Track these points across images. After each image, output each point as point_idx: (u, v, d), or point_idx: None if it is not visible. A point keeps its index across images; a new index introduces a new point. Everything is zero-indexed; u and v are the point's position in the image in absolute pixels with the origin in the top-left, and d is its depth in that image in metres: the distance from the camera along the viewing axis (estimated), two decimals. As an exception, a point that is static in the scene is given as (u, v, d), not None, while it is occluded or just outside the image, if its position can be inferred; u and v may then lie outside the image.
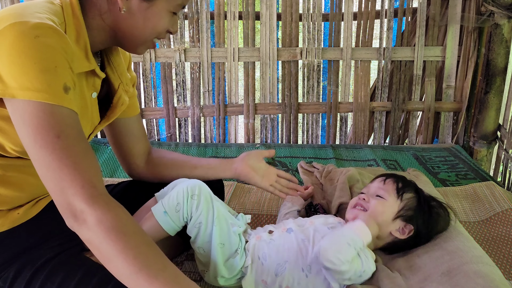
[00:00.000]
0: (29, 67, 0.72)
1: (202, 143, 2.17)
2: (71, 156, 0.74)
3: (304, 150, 2.05)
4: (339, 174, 1.54)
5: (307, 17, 2.17)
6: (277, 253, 1.01)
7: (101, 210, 0.73)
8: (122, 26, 0.88)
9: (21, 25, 0.73)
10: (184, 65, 2.24)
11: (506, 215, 1.37)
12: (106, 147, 2.03)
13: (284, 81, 2.24)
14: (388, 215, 1.09)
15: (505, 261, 1.19)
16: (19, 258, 0.89)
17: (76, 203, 0.73)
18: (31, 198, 0.94)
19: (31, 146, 0.74)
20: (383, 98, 2.25)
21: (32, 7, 0.79)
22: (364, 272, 1.00)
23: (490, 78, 2.08)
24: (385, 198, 1.10)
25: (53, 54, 0.74)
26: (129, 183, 1.23)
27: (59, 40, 0.76)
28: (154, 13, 0.87)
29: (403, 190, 1.12)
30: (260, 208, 1.46)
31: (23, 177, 0.89)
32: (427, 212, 1.10)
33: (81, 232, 0.74)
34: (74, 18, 0.84)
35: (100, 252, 0.74)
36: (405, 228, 1.09)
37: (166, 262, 0.77)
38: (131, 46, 0.93)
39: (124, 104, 1.01)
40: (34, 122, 0.73)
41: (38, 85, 0.72)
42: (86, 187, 0.73)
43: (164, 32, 0.92)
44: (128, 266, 0.72)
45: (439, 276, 1.00)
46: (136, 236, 0.76)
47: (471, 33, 2.12)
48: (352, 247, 0.98)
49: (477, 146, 2.18)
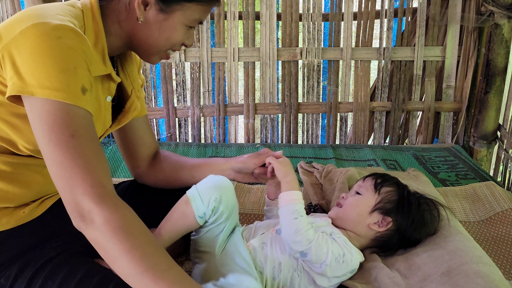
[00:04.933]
0: (50, 66, 0.73)
1: (202, 143, 2.17)
2: (83, 156, 0.75)
3: (304, 150, 2.05)
4: (339, 174, 1.54)
5: (307, 17, 2.17)
6: (271, 257, 1.01)
7: (109, 210, 0.74)
8: (138, 34, 0.90)
9: (43, 26, 0.74)
10: (184, 65, 2.24)
11: (506, 215, 1.37)
12: (107, 147, 2.04)
13: (284, 81, 2.24)
14: (363, 209, 1.10)
15: (505, 261, 1.19)
16: (21, 257, 0.89)
17: (84, 202, 0.74)
18: (37, 197, 0.95)
19: (45, 143, 0.75)
20: (383, 98, 2.25)
21: (54, 9, 0.81)
22: (345, 256, 0.99)
23: (490, 78, 2.08)
24: (362, 194, 1.13)
25: (73, 55, 0.76)
26: (131, 183, 1.23)
27: (80, 42, 0.78)
28: (170, 25, 0.89)
29: (381, 184, 1.13)
30: (260, 208, 1.46)
31: (31, 175, 0.90)
32: (408, 205, 1.10)
33: (88, 232, 0.75)
34: (94, 23, 0.86)
35: (106, 251, 0.75)
36: (383, 221, 1.09)
37: (172, 262, 0.78)
38: (145, 55, 0.95)
39: (136, 110, 1.04)
40: (50, 120, 0.74)
41: (57, 84, 0.74)
42: (96, 187, 0.74)
43: (179, 44, 0.94)
44: (134, 266, 0.73)
45: (439, 276, 1.00)
46: (142, 237, 0.76)
47: (471, 33, 2.12)
48: (298, 217, 0.97)
49: (477, 146, 2.18)
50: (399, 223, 1.09)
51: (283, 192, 1.02)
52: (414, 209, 1.10)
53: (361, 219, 1.10)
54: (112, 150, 2.00)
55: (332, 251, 0.98)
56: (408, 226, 1.09)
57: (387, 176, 1.17)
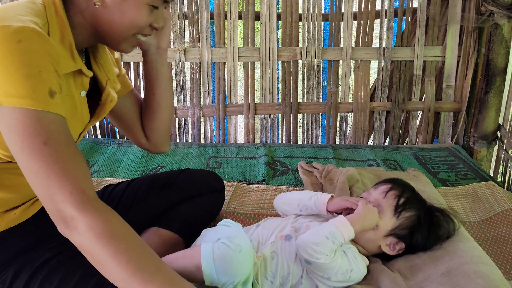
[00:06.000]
0: (13, 73, 0.71)
1: (202, 143, 2.17)
2: (59, 162, 0.73)
3: (304, 150, 2.05)
4: (339, 174, 1.54)
5: (307, 17, 2.17)
6: (282, 267, 1.01)
7: (91, 216, 0.72)
8: (101, 21, 0.86)
9: (3, 30, 0.71)
10: (184, 65, 2.24)
11: (506, 215, 1.37)
12: (106, 147, 2.04)
13: (284, 81, 2.24)
14: (378, 232, 1.07)
15: (505, 261, 1.19)
16: (17, 259, 0.89)
17: (65, 209, 0.72)
18: (27, 199, 0.94)
19: (18, 153, 0.73)
20: (383, 98, 2.25)
21: (14, 9, 0.77)
22: (352, 271, 1.00)
23: (490, 78, 2.08)
24: (381, 212, 1.08)
25: (36, 59, 0.73)
26: (129, 183, 1.23)
27: (43, 44, 0.75)
28: (130, 7, 0.84)
29: (402, 207, 1.08)
30: (260, 208, 1.46)
31: (17, 178, 0.88)
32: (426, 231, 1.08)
33: (73, 238, 0.74)
34: (58, 18, 0.83)
35: (93, 257, 0.74)
36: (396, 245, 1.08)
37: (160, 263, 0.77)
38: (113, 43, 0.91)
39: (113, 101, 1.00)
40: (20, 129, 0.72)
41: (22, 91, 0.71)
42: (75, 193, 0.72)
43: (147, 27, 0.90)
44: (121, 270, 0.72)
45: (439, 276, 1.00)
46: (127, 240, 0.75)
47: (471, 33, 2.12)
48: (330, 240, 0.97)
49: (477, 146, 2.18)
50: (412, 243, 1.08)
51: (344, 217, 1.03)
52: (432, 233, 1.09)
53: (374, 239, 1.08)
54: (112, 150, 2.00)
55: (340, 267, 0.98)
56: (420, 246, 1.09)
57: (410, 196, 1.12)
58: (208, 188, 1.28)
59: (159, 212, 1.21)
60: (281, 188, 1.62)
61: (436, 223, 1.10)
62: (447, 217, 1.13)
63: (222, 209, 1.42)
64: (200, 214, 1.25)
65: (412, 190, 1.14)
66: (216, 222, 1.33)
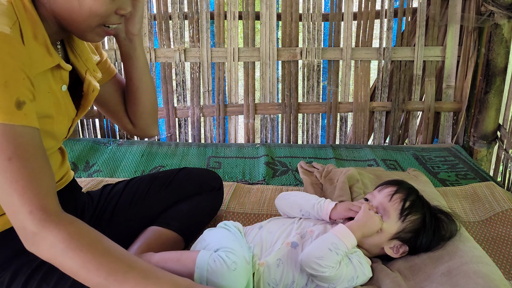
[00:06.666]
0: None
1: (202, 143, 2.17)
2: (21, 179, 0.71)
3: (304, 150, 2.05)
4: (339, 174, 1.54)
5: (307, 17, 2.17)
6: (286, 275, 1.00)
7: (52, 232, 0.72)
8: (61, 11, 0.82)
9: None
10: (184, 65, 2.24)
11: (506, 215, 1.37)
12: (106, 147, 2.04)
13: (284, 81, 2.24)
14: (383, 236, 1.07)
15: (505, 261, 1.19)
16: (14, 261, 0.88)
17: (27, 227, 0.72)
18: None
19: None
20: (383, 98, 2.25)
21: None
22: (358, 277, 1.00)
23: (490, 78, 2.08)
24: (386, 216, 1.08)
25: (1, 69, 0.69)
26: (128, 182, 1.23)
27: (10, 50, 0.71)
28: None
29: (408, 211, 1.07)
30: (260, 208, 1.46)
31: None
32: (431, 234, 1.08)
33: (39, 254, 0.74)
34: (27, 14, 0.79)
35: (64, 269, 0.74)
36: (400, 248, 1.08)
37: (133, 261, 0.76)
38: (78, 33, 0.86)
39: (95, 90, 0.98)
40: None
41: None
42: (34, 212, 0.72)
43: (112, 15, 0.84)
44: (94, 277, 0.72)
45: (439, 276, 1.00)
46: (93, 247, 0.74)
47: (471, 33, 2.12)
48: (334, 252, 0.97)
49: (477, 146, 2.18)
50: (415, 246, 1.08)
51: (344, 225, 1.03)
52: (436, 236, 1.09)
53: (378, 243, 1.08)
54: (112, 150, 2.00)
55: (346, 276, 0.98)
56: (423, 248, 1.09)
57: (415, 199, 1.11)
58: (207, 186, 1.28)
59: (158, 211, 1.21)
60: (281, 188, 1.62)
61: (440, 226, 1.10)
62: (450, 219, 1.13)
63: (223, 209, 1.42)
64: (199, 212, 1.25)
65: (417, 193, 1.14)
66: (216, 220, 1.33)
